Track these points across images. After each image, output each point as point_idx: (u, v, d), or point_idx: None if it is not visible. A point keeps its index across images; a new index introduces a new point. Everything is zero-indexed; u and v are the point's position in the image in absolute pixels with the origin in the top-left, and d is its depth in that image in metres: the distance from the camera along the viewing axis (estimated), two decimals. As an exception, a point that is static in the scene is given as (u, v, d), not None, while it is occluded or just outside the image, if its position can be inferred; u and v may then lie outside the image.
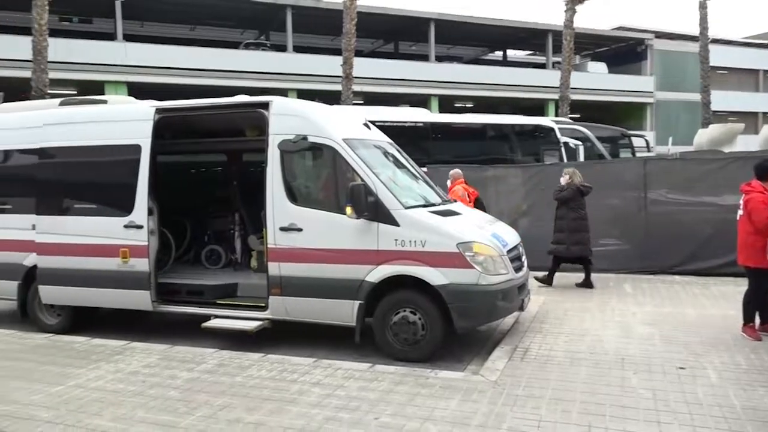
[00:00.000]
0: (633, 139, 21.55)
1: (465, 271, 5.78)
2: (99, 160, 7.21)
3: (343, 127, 6.69)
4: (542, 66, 38.39)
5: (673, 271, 9.86)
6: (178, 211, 8.47)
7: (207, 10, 30.43)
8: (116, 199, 7.05)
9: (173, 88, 25.23)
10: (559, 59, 28.33)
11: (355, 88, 21.64)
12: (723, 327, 6.56)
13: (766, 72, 45.48)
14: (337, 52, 23.29)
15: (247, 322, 6.50)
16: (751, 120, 39.29)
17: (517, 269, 6.38)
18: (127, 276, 6.86)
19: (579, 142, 15.37)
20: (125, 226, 6.85)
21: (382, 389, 4.90)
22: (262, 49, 31.37)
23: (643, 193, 10.24)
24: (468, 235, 6.01)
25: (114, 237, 6.90)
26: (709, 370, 5.20)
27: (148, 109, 7.03)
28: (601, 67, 38.86)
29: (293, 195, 6.37)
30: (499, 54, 43.00)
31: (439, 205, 6.74)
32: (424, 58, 34.88)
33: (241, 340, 6.59)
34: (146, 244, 6.80)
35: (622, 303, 7.97)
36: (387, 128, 8.16)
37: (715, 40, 34.50)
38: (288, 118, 6.43)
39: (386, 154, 7.17)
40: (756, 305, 6.22)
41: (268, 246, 6.40)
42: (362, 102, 27.15)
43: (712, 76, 29.21)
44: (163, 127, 7.10)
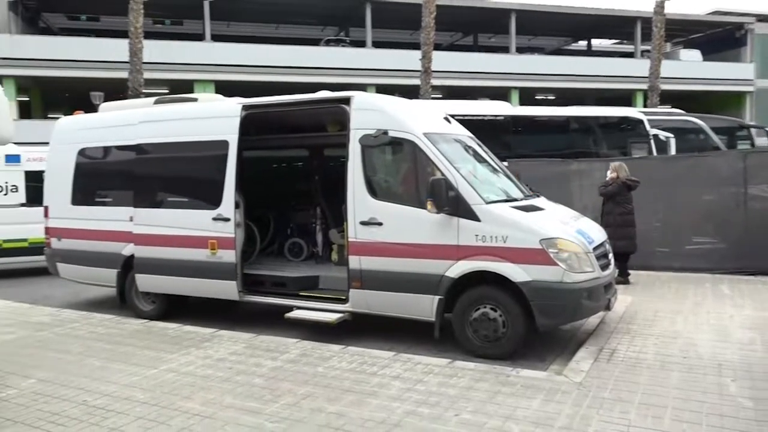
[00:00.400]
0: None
1: (548, 268, 5.62)
2: (189, 156, 7.55)
3: (424, 121, 6.66)
4: (630, 55, 36.75)
5: (775, 272, 9.17)
6: (263, 204, 8.75)
7: (289, 9, 31.23)
8: (205, 193, 7.36)
9: (257, 86, 26.03)
10: (649, 47, 26.98)
11: (434, 82, 21.52)
12: (834, 334, 6.04)
13: None
14: (416, 46, 23.26)
15: (328, 314, 6.62)
16: None
17: (604, 267, 6.13)
18: (215, 267, 7.15)
19: (671, 135, 14.56)
20: (213, 219, 7.13)
21: (462, 385, 4.85)
22: (342, 46, 31.84)
23: (743, 189, 9.58)
24: (551, 230, 5.84)
25: (203, 229, 7.20)
26: (818, 380, 4.80)
27: (235, 106, 7.28)
28: (695, 54, 36.64)
29: (374, 189, 6.41)
30: (583, 44, 41.52)
31: (522, 200, 6.59)
32: (504, 50, 34.24)
33: (322, 332, 6.72)
34: (233, 236, 7.06)
35: (719, 305, 7.50)
36: (467, 122, 8.04)
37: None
38: (369, 113, 6.47)
39: (467, 148, 7.08)
40: None
41: (349, 240, 6.48)
42: (441, 96, 27.01)
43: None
44: (249, 124, 7.32)
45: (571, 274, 5.65)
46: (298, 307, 6.87)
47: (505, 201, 6.33)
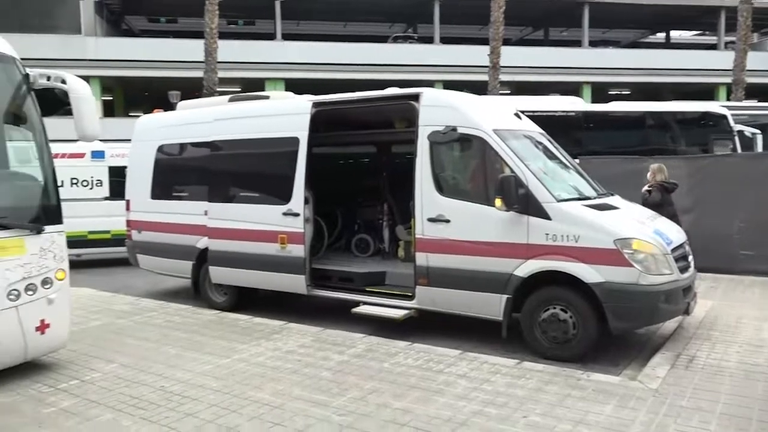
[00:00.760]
0: None
1: (623, 270, 5.42)
2: (261, 152, 7.74)
3: (493, 117, 6.56)
4: (712, 47, 34.88)
5: None
6: (331, 200, 8.87)
7: (358, 7, 31.52)
8: (276, 189, 7.53)
9: (326, 83, 26.43)
10: (733, 38, 25.51)
11: (503, 78, 21.20)
12: None
13: None
14: (484, 41, 22.96)
15: (394, 311, 6.64)
16: None
17: (683, 269, 5.85)
18: (285, 261, 7.30)
19: (757, 131, 13.73)
20: (283, 214, 7.29)
21: (530, 387, 4.75)
22: (410, 42, 31.86)
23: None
24: (627, 230, 5.62)
25: (273, 224, 7.37)
26: None
27: (305, 103, 7.40)
28: (785, 45, 34.39)
29: (442, 186, 6.37)
30: (661, 36, 39.76)
31: (595, 198, 6.38)
32: (577, 44, 33.25)
33: (387, 327, 6.75)
34: (302, 231, 7.19)
35: (810, 313, 7.02)
36: (537, 118, 7.87)
37: None
38: (438, 110, 6.43)
39: (537, 144, 6.93)
40: None
41: (416, 236, 6.47)
42: (509, 92, 26.55)
43: None
44: (319, 120, 7.43)
45: (648, 275, 5.42)
46: (365, 303, 6.93)
47: (578, 199, 6.14)
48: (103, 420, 4.25)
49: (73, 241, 5.53)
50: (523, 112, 7.40)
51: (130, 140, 9.48)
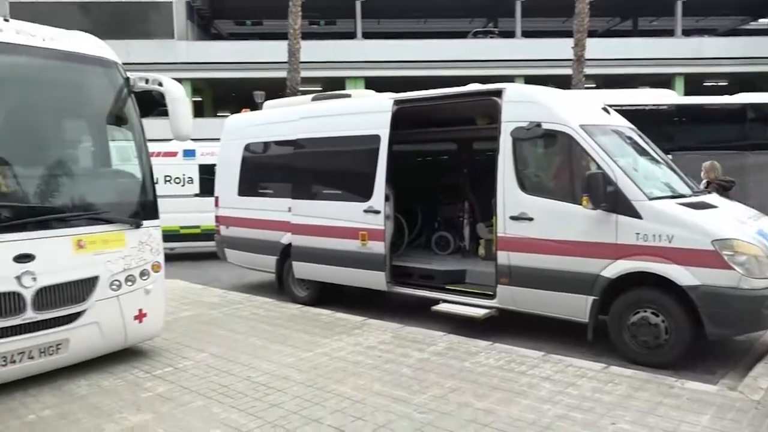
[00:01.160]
0: None
1: (722, 272, 5.09)
2: (343, 150, 7.86)
3: (580, 112, 6.34)
4: (822, 32, 32.15)
5: None
6: (411, 197, 8.88)
7: (438, 3, 31.36)
8: (357, 186, 7.62)
9: (406, 80, 26.48)
10: None
11: (588, 71, 20.44)
12: None
13: None
14: (567, 34, 22.22)
15: (475, 309, 6.56)
16: None
17: (790, 273, 5.42)
18: (365, 257, 7.38)
19: None
20: (364, 211, 7.37)
21: (619, 393, 4.56)
22: (490, 37, 31.37)
23: None
24: (726, 231, 5.28)
25: (354, 221, 7.47)
26: None
27: (386, 101, 7.44)
28: None
29: (525, 184, 6.23)
30: (764, 22, 37.03)
31: (690, 196, 6.04)
32: (668, 33, 31.56)
33: (467, 326, 6.68)
34: (383, 228, 7.24)
35: None
36: (626, 112, 7.53)
37: None
38: (522, 105, 6.29)
39: (627, 140, 6.63)
40: None
41: (498, 234, 6.36)
42: (595, 85, 25.59)
43: None
44: (399, 118, 7.45)
45: (750, 279, 5.07)
46: (445, 301, 6.89)
47: (671, 197, 5.84)
48: (195, 406, 4.46)
49: (166, 236, 5.84)
50: (611, 106, 7.11)
51: (218, 139, 9.88)
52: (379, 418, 4.18)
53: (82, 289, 4.97)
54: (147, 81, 5.60)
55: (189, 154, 12.93)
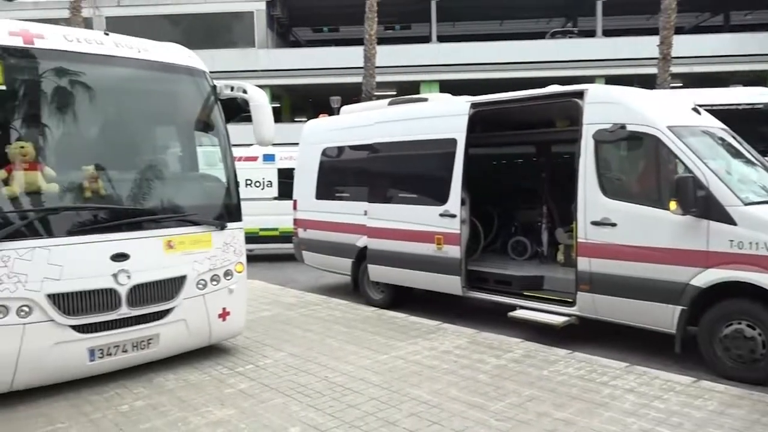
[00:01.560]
0: None
1: (826, 283, 4.73)
2: (419, 154, 7.87)
3: (667, 113, 6.06)
4: None
5: None
6: (487, 201, 8.78)
7: (514, 4, 30.84)
8: (433, 190, 7.60)
9: (482, 83, 26.20)
10: None
11: (674, 70, 19.49)
12: None
13: None
14: (652, 32, 21.30)
15: (553, 316, 6.40)
16: None
17: None
18: (441, 261, 7.36)
19: None
20: (440, 215, 7.34)
21: (710, 409, 4.32)
22: (569, 37, 30.49)
23: None
24: (832, 239, 4.90)
25: (430, 224, 7.46)
26: None
27: (463, 104, 7.39)
28: None
29: (606, 188, 6.02)
30: None
31: (791, 201, 5.63)
32: (764, 27, 29.62)
33: (544, 333, 6.53)
34: (458, 232, 7.19)
35: None
36: (717, 112, 7.13)
37: None
38: (604, 107, 6.09)
39: (719, 142, 6.28)
40: None
41: (578, 240, 6.18)
42: (681, 84, 24.37)
43: None
44: (476, 121, 7.38)
45: None
46: (522, 307, 6.76)
47: (769, 202, 5.47)
48: (275, 404, 4.59)
49: (247, 238, 6.04)
50: (701, 106, 6.76)
51: (295, 144, 10.14)
52: (456, 424, 4.15)
53: (171, 288, 5.23)
54: (232, 88, 5.83)
55: (269, 158, 13.34)
